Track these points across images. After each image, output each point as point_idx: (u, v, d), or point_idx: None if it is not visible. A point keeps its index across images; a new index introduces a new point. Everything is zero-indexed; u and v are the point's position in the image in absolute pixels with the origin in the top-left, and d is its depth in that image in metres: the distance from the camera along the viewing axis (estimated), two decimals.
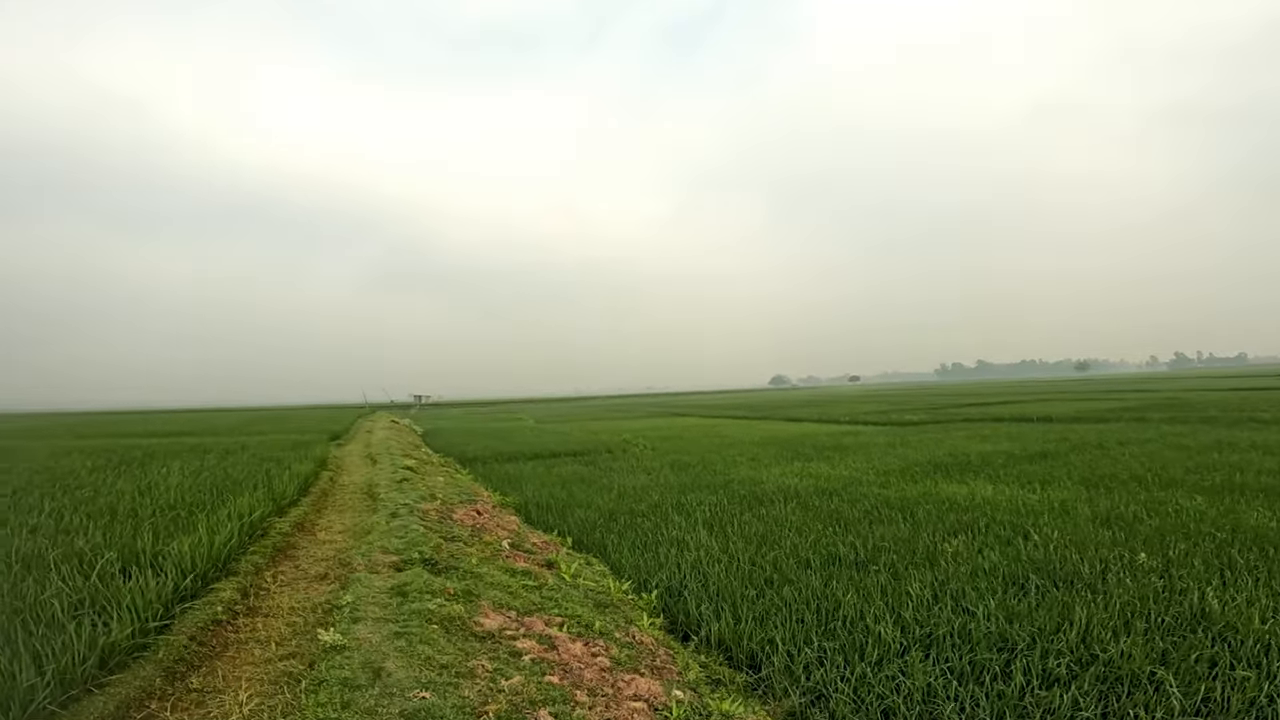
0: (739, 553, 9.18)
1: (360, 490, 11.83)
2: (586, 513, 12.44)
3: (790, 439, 27.49)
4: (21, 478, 12.05)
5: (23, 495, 9.90)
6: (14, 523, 7.01)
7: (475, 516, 9.48)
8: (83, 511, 7.87)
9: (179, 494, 9.23)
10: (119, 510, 7.97)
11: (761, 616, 6.91)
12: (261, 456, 15.86)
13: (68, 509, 8.25)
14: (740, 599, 7.38)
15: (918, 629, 6.32)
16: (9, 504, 8.97)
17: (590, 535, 10.81)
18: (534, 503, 13.69)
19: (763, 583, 7.96)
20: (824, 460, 19.47)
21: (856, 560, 8.66)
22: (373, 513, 9.02)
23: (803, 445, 24.26)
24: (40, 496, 9.60)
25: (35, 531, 6.50)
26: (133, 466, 14.05)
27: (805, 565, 8.57)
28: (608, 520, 11.79)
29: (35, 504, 8.71)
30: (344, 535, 7.82)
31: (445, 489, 12.15)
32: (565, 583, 7.04)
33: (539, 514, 12.64)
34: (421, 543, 6.70)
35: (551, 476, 17.62)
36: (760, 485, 14.86)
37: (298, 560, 6.53)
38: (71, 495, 9.75)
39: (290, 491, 9.92)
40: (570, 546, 10.33)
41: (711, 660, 6.36)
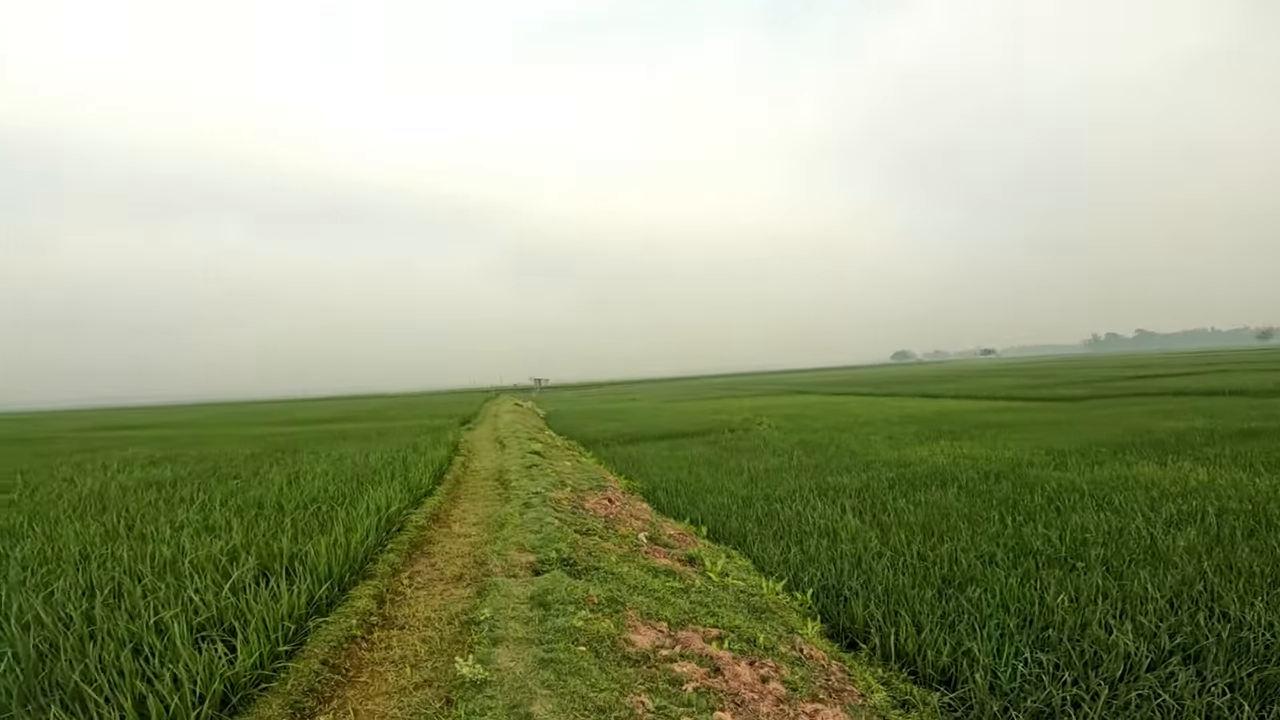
0: (902, 545, 8.06)
1: (491, 477, 11.74)
2: (719, 499, 11.67)
3: (929, 416, 25.30)
4: (185, 466, 13.13)
5: (180, 487, 10.45)
6: (161, 521, 7.26)
7: (607, 505, 8.97)
8: (232, 505, 7.98)
9: (322, 485, 9.40)
10: (265, 503, 8.05)
11: (947, 622, 5.88)
12: (399, 443, 16.37)
13: (216, 503, 8.37)
14: (917, 601, 6.34)
15: (1168, 638, 5.08)
16: (163, 497, 9.38)
17: (726, 524, 10.03)
18: (662, 487, 13.11)
19: (940, 581, 6.86)
20: (975, 439, 17.51)
21: (1054, 555, 7.30)
22: (505, 502, 8.74)
23: (945, 423, 22.16)
24: (195, 488, 10.09)
25: (180, 530, 6.56)
26: (284, 455, 14.96)
27: (988, 560, 7.34)
28: (744, 507, 10.95)
29: (188, 497, 9.21)
30: (478, 528, 7.54)
31: (573, 475, 11.81)
32: (713, 583, 6.30)
33: (668, 500, 12.02)
34: (557, 539, 6.20)
35: (676, 459, 17.01)
36: (909, 467, 13.42)
37: (433, 558, 6.24)
38: (225, 486, 10.07)
39: (425, 481, 9.80)
40: (706, 537, 9.61)
41: (893, 676, 5.41)
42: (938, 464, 13.41)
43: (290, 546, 5.23)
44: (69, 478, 11.92)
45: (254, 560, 4.95)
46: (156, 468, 13.08)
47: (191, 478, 11.18)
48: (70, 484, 11.10)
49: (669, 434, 23.31)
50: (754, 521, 10.06)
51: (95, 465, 13.93)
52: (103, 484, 10.73)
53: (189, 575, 4.64)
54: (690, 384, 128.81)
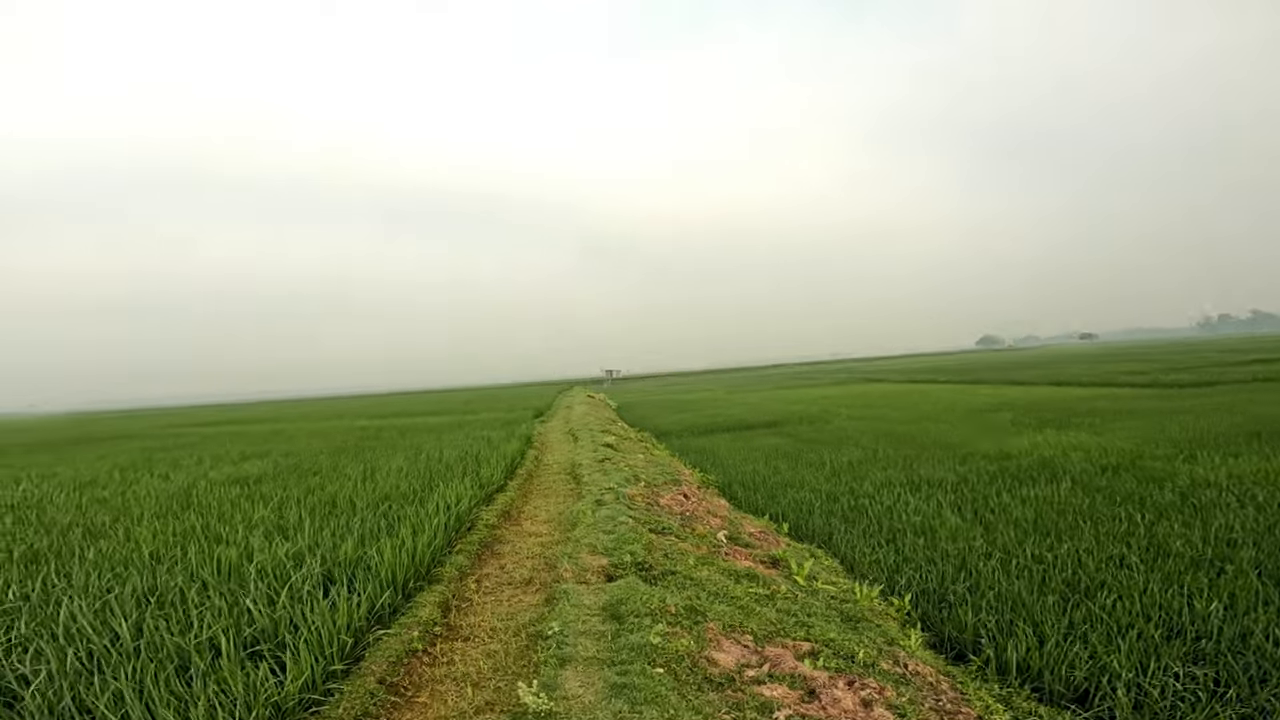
0: (1013, 546, 7.29)
1: (564, 471, 11.56)
2: (800, 494, 11.05)
3: (1024, 404, 23.56)
4: (272, 462, 13.50)
5: (263, 484, 10.45)
6: (237, 520, 6.99)
7: (682, 501, 8.57)
8: (307, 504, 7.89)
9: (395, 482, 9.27)
10: (339, 501, 7.96)
11: (1078, 632, 5.20)
12: (474, 436, 16.50)
13: (293, 500, 8.29)
14: (1037, 608, 5.64)
15: None
16: (244, 494, 9.26)
17: (809, 521, 9.45)
18: (738, 481, 12.60)
19: (1061, 585, 6.12)
20: (1082, 429, 16.07)
21: (1197, 557, 6.41)
22: (577, 498, 8.46)
23: (1044, 411, 20.54)
24: (276, 485, 10.13)
25: (253, 530, 6.41)
26: (365, 449, 15.27)
27: (1119, 563, 6.51)
28: (828, 502, 10.31)
29: (268, 494, 9.13)
30: (549, 526, 7.27)
31: (646, 468, 11.47)
32: (800, 588, 5.79)
33: (745, 494, 11.51)
34: (631, 540, 5.84)
35: (751, 451, 16.43)
36: (1011, 459, 12.36)
37: (503, 559, 5.98)
38: (304, 483, 10.02)
39: (497, 477, 9.64)
40: (788, 535, 9.07)
41: (1014, 694, 4.78)
42: (1044, 456, 12.27)
43: (355, 550, 5.06)
44: (165, 474, 12.38)
45: (318, 565, 4.79)
46: (246, 463, 13.51)
47: (276, 474, 11.43)
48: (165, 480, 11.53)
49: (742, 425, 22.70)
50: (840, 518, 9.43)
51: (191, 461, 14.58)
52: (192, 481, 11.05)
53: (252, 581, 4.49)
54: (761, 373, 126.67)
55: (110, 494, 10.04)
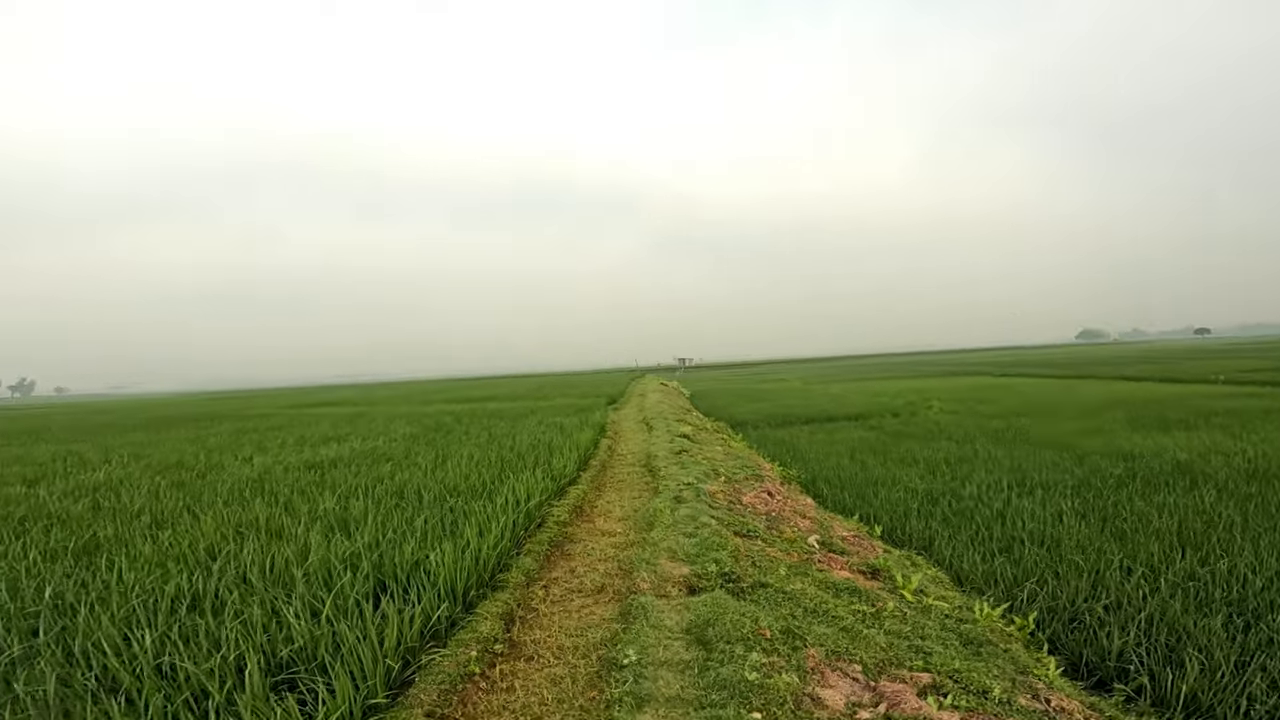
0: (1158, 560, 6.34)
1: (638, 463, 11.03)
2: (893, 493, 10.22)
3: (1139, 401, 21.43)
4: (350, 446, 13.46)
5: (337, 469, 10.15)
6: (302, 510, 6.66)
7: (767, 499, 7.96)
8: (374, 495, 7.50)
9: (465, 471, 8.88)
10: (406, 493, 7.57)
11: (1255, 662, 4.41)
12: (547, 423, 16.22)
13: (360, 490, 7.90)
14: (1200, 633, 4.81)
15: None
16: (315, 481, 8.97)
17: (905, 524, 8.66)
18: (823, 477, 11.85)
19: (1225, 607, 5.20)
20: (1216, 429, 14.32)
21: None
22: (654, 494, 7.94)
23: (1168, 409, 18.52)
24: (349, 471, 9.79)
25: (315, 522, 6.06)
26: (440, 434, 15.19)
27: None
28: (927, 504, 9.45)
29: (339, 481, 8.79)
30: (624, 524, 6.79)
31: (725, 462, 10.90)
32: (908, 604, 5.13)
33: (832, 492, 10.76)
34: (716, 545, 5.30)
35: (835, 445, 15.54)
36: (1136, 460, 11.04)
37: (573, 561, 5.53)
38: (376, 470, 9.71)
39: (569, 469, 9.13)
40: (881, 538, 8.34)
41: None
42: (1178, 459, 10.89)
43: (414, 552, 4.65)
44: (249, 456, 12.49)
45: (370, 569, 4.38)
46: (325, 447, 13.55)
47: (351, 459, 11.31)
48: (246, 463, 11.56)
49: (823, 417, 21.68)
50: (941, 522, 8.60)
51: (275, 443, 14.86)
52: (269, 465, 11.02)
53: (299, 586, 4.10)
54: (840, 364, 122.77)
55: (190, 478, 10.08)
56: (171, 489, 8.97)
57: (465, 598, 4.18)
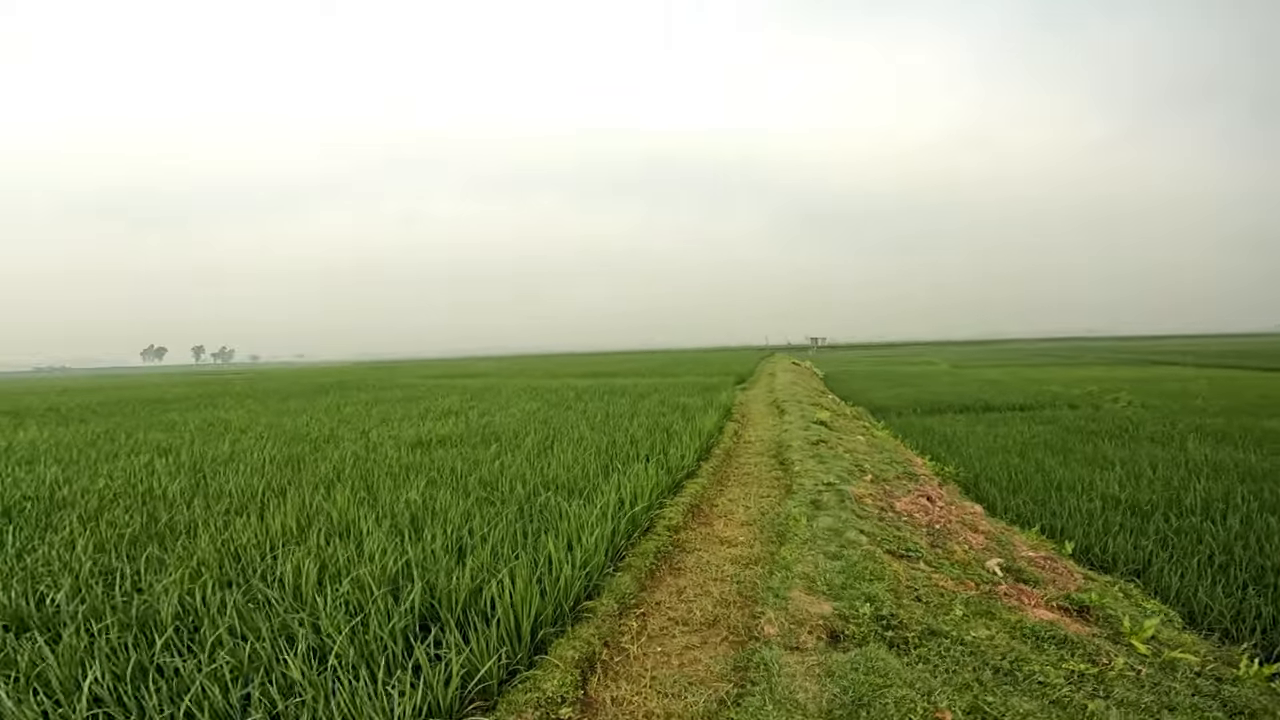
0: None
1: (768, 453, 9.88)
2: (1085, 501, 8.37)
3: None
4: (467, 422, 13.12)
5: (445, 448, 9.65)
6: (385, 497, 5.98)
7: (926, 506, 6.59)
8: (465, 485, 6.73)
9: (570, 458, 8.03)
10: (500, 484, 6.73)
11: None
12: (669, 403, 15.34)
13: (454, 477, 7.18)
14: None
15: None
16: (417, 462, 8.42)
17: (1105, 541, 6.95)
18: (988, 478, 10.09)
19: None
20: None
21: None
22: (786, 494, 6.84)
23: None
24: (454, 453, 9.01)
25: (385, 519, 5.25)
26: (558, 411, 14.67)
27: None
28: (1134, 518, 7.60)
29: (438, 463, 8.10)
30: (749, 532, 5.72)
31: (870, 456, 9.50)
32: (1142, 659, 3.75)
33: (1002, 497, 9.06)
34: (867, 572, 4.12)
35: (999, 439, 13.42)
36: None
37: (681, 579, 4.55)
38: (478, 453, 8.83)
39: (688, 459, 8.13)
40: (1074, 558, 6.74)
41: None
42: None
43: (478, 574, 3.69)
44: (365, 430, 12.29)
45: (421, 593, 3.43)
46: (441, 422, 13.28)
47: (459, 438, 10.84)
48: (362, 437, 11.28)
49: (980, 405, 19.15)
50: (1156, 540, 6.83)
51: (398, 415, 14.95)
52: (381, 440, 10.69)
53: (324, 613, 3.25)
54: (987, 347, 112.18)
55: (304, 452, 9.83)
56: (278, 466, 8.68)
57: (535, 636, 3.29)
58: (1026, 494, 9.04)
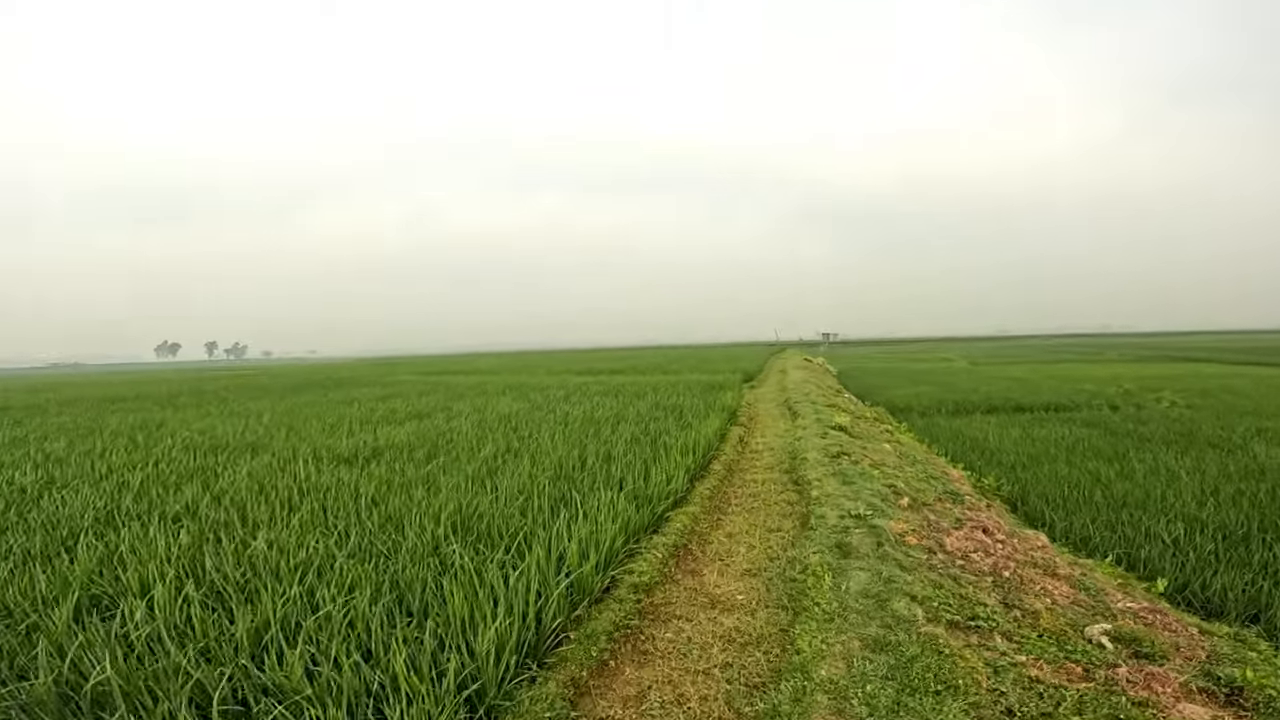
0: None
1: (779, 466, 8.37)
2: (1160, 522, 7.00)
3: None
4: (420, 428, 11.40)
5: (370, 464, 8.11)
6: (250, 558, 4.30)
7: (983, 542, 5.17)
8: (345, 524, 5.18)
9: (518, 485, 6.25)
10: (403, 522, 5.14)
11: None
12: (664, 405, 13.63)
13: (334, 515, 5.55)
14: None
15: None
16: (338, 485, 6.77)
17: (1201, 577, 5.61)
18: (1036, 491, 8.69)
19: None
20: None
21: None
22: (802, 528, 5.39)
23: None
24: (388, 468, 7.69)
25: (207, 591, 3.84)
26: (538, 414, 13.04)
27: None
28: (1233, 546, 6.23)
29: (359, 485, 6.60)
30: (751, 589, 4.20)
31: (901, 468, 8.05)
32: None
33: (1055, 515, 7.68)
34: (930, 678, 2.71)
35: (1039, 444, 11.99)
36: None
37: (644, 680, 3.02)
38: (420, 470, 7.36)
39: (676, 482, 6.46)
40: (1165, 595, 5.41)
41: None
42: None
43: (363, 672, 2.52)
44: (304, 438, 10.75)
45: None
46: (397, 427, 11.72)
47: (404, 447, 9.37)
48: (290, 449, 9.62)
49: (1010, 405, 17.67)
50: (1268, 577, 5.50)
51: (353, 417, 13.32)
52: (305, 454, 9.05)
53: None
54: (1006, 343, 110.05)
55: (204, 465, 8.34)
56: (185, 482, 7.25)
57: None
58: (1087, 513, 7.66)
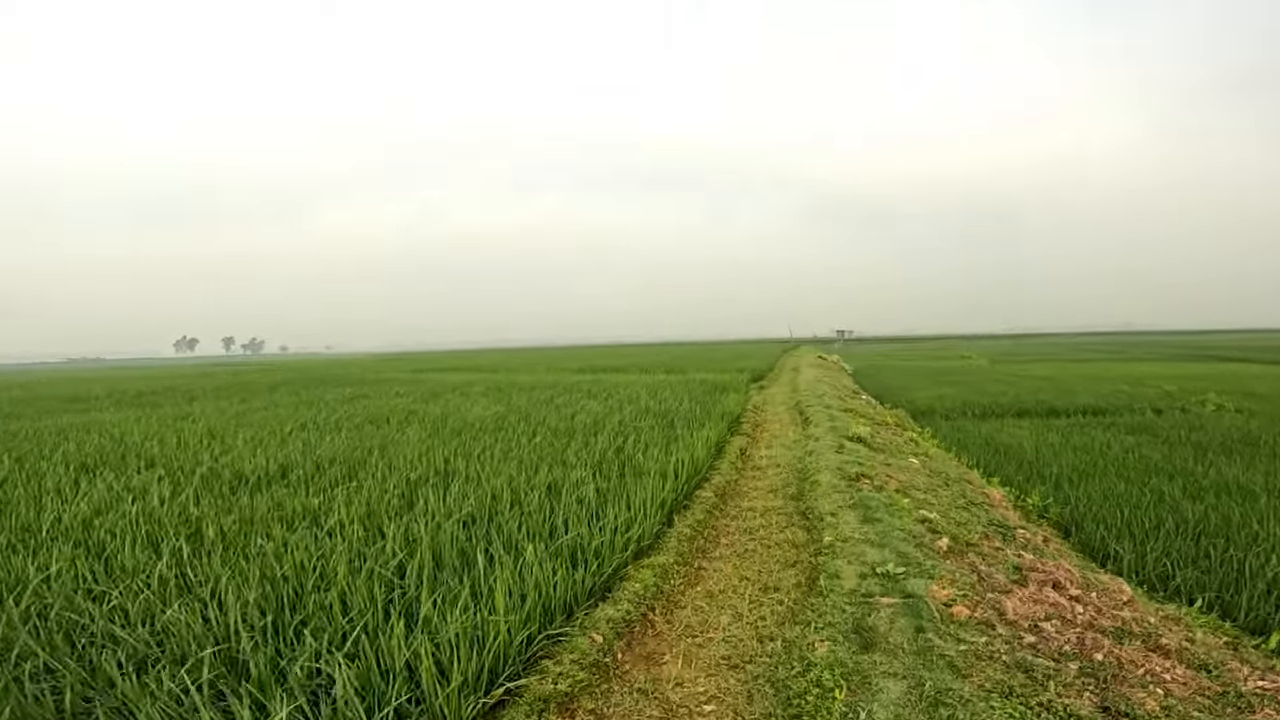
0: None
1: (784, 490, 6.93)
2: (1253, 557, 5.70)
3: None
4: (361, 438, 9.68)
5: (299, 477, 6.87)
6: None
7: (1054, 604, 3.84)
8: None
9: (418, 542, 4.39)
10: (288, 602, 3.58)
11: None
12: (657, 410, 11.92)
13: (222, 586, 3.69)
14: None
15: None
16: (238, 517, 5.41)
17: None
18: (1093, 514, 7.38)
19: None
20: None
21: None
22: (809, 586, 4.07)
23: None
24: (314, 486, 6.51)
25: None
26: (512, 418, 11.69)
27: None
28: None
29: (355, 493, 5.66)
30: (723, 690, 2.83)
31: (933, 490, 6.72)
32: None
33: (1118, 545, 6.40)
34: None
35: (1082, 453, 10.60)
36: None
37: None
38: (321, 497, 5.93)
39: (647, 524, 4.93)
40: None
41: None
42: None
43: None
44: (217, 452, 9.02)
45: None
46: (332, 436, 10.15)
47: (346, 459, 8.06)
48: (176, 466, 8.14)
49: (1043, 409, 16.19)
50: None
51: (291, 425, 11.54)
52: (191, 468, 7.77)
53: None
54: (1023, 342, 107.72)
55: (106, 498, 6.68)
56: None
57: None
58: (1159, 543, 6.36)
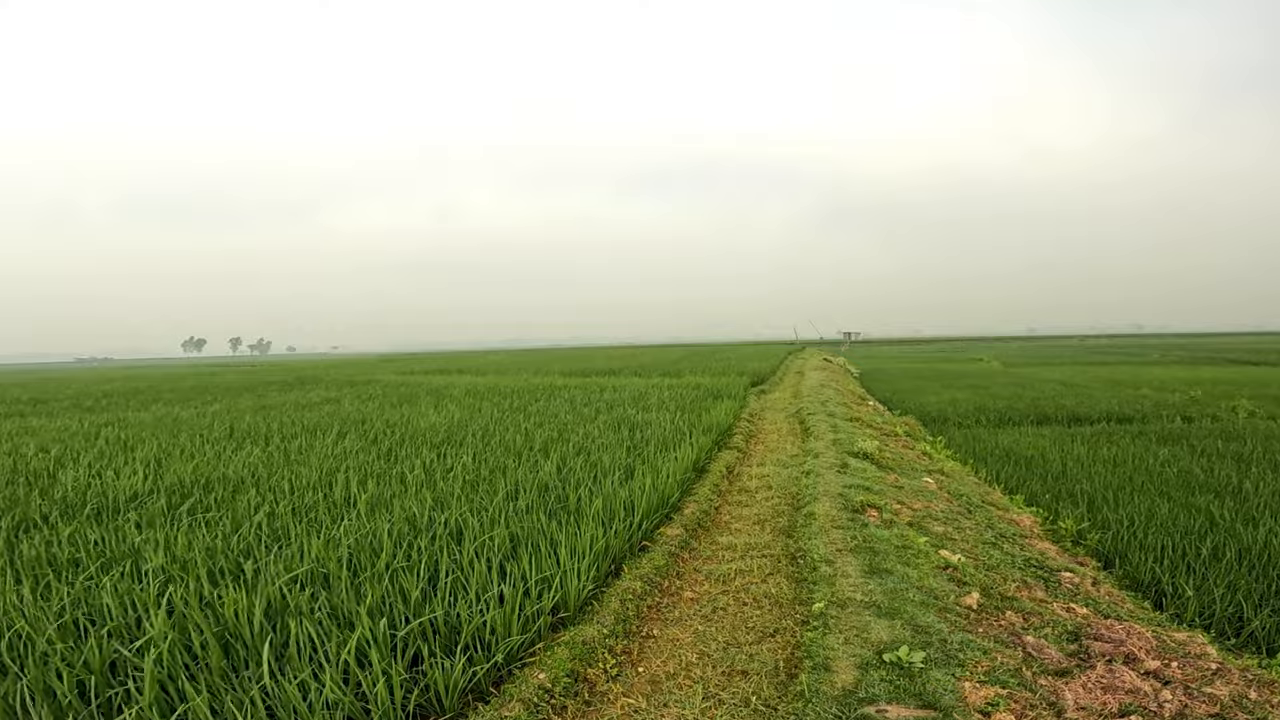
0: None
1: (772, 524, 5.88)
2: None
3: None
4: (268, 453, 8.73)
5: (132, 509, 5.91)
6: None
7: (1131, 691, 2.93)
8: None
9: None
10: None
11: None
12: (635, 421, 10.79)
13: None
14: None
15: None
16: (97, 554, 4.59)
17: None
18: (1135, 540, 6.42)
19: None
20: None
21: None
22: (789, 672, 3.08)
23: None
24: (139, 515, 5.64)
25: None
26: (469, 427, 10.65)
27: None
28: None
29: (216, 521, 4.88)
30: None
31: (953, 519, 5.75)
32: None
33: (1180, 580, 5.46)
34: None
35: (1117, 466, 9.61)
36: None
37: None
38: (214, 529, 5.12)
39: (580, 582, 3.91)
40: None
41: None
42: None
43: None
44: (119, 466, 8.18)
45: None
46: (246, 448, 9.22)
47: (246, 480, 7.20)
48: (65, 479, 7.31)
49: (1064, 415, 15.14)
50: None
51: (232, 434, 10.63)
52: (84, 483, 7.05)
53: None
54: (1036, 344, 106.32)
55: None
56: None
57: None
58: (1221, 577, 5.40)
